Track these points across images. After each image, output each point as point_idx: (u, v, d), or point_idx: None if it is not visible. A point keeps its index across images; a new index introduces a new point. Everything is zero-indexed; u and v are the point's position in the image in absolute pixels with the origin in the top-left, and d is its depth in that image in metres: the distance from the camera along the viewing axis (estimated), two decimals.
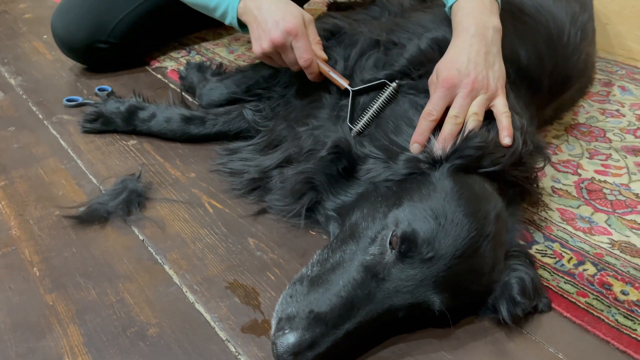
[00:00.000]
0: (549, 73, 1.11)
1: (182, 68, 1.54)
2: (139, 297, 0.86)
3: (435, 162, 0.83)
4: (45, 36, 1.87)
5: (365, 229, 0.79)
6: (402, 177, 0.84)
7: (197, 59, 1.71)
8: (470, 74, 0.91)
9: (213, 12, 1.19)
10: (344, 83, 1.05)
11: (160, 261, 0.93)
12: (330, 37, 1.17)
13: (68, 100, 1.44)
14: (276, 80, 1.24)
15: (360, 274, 0.73)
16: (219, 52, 1.77)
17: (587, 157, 1.24)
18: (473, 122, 0.89)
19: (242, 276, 0.90)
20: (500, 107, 0.91)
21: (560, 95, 1.23)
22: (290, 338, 0.67)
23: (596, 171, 1.18)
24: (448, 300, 0.74)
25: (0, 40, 1.87)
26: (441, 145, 0.86)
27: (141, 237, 0.98)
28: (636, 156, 1.24)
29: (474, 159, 0.81)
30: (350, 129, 0.99)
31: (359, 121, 1.00)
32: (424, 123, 0.91)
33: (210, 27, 1.90)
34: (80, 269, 0.91)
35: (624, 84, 1.60)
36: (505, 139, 0.88)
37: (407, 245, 0.72)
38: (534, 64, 1.07)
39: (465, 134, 0.84)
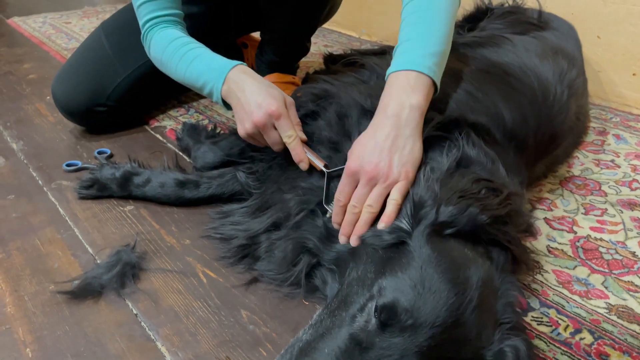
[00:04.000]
0: (533, 133, 1.12)
1: (179, 128, 1.57)
2: None
3: (412, 231, 0.83)
4: (48, 97, 1.91)
5: (355, 294, 0.80)
6: (387, 245, 0.85)
7: (196, 117, 1.74)
8: (372, 161, 0.91)
9: (200, 91, 1.23)
10: (319, 164, 1.05)
11: (153, 337, 0.93)
12: (318, 101, 1.19)
13: (68, 165, 1.46)
14: None
15: (345, 343, 0.74)
16: (216, 109, 1.80)
17: (582, 213, 1.23)
18: (366, 213, 0.90)
19: (234, 352, 0.90)
20: (392, 193, 0.90)
21: (550, 153, 1.24)
22: None
23: (592, 228, 1.18)
24: None
25: (4, 102, 1.92)
26: (344, 232, 0.93)
27: (134, 312, 0.98)
28: (632, 210, 1.24)
29: (444, 224, 0.81)
30: (326, 211, 1.00)
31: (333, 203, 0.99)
32: (337, 208, 0.95)
33: None
34: (72, 349, 0.90)
35: (619, 132, 1.61)
36: (380, 225, 0.88)
37: (386, 314, 0.73)
38: (518, 125, 1.08)
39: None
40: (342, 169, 1.00)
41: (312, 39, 1.80)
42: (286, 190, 1.11)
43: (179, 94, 1.87)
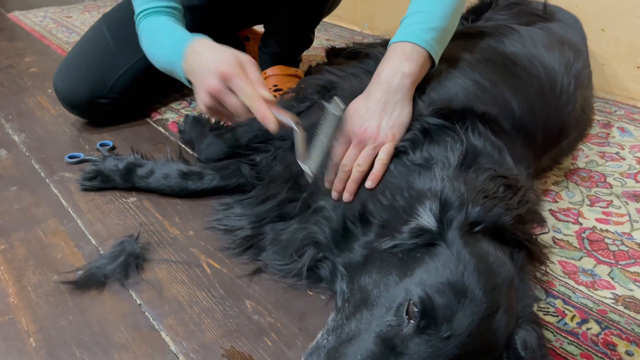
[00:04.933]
0: (542, 124, 1.11)
1: (181, 121, 1.56)
2: None
3: (442, 232, 0.79)
4: (49, 90, 1.91)
5: (378, 296, 0.76)
6: (409, 247, 0.81)
7: (198, 110, 1.73)
8: (362, 125, 0.99)
9: (173, 75, 1.18)
10: (289, 122, 0.95)
11: (157, 327, 0.92)
12: (324, 92, 1.18)
13: (70, 157, 1.45)
14: (273, 135, 1.24)
15: (377, 347, 0.70)
16: None
17: (587, 205, 1.23)
18: (356, 172, 0.98)
19: (238, 342, 0.89)
20: (380, 154, 0.98)
21: (558, 144, 1.23)
22: None
23: (597, 219, 1.17)
24: None
25: (5, 95, 1.91)
26: (335, 188, 1.00)
27: (138, 302, 0.98)
28: (637, 202, 1.23)
29: (473, 224, 0.79)
30: (303, 168, 0.96)
31: (309, 157, 0.96)
32: (331, 167, 1.02)
33: None
34: (76, 338, 0.90)
35: (623, 125, 1.60)
36: (367, 183, 0.97)
37: (427, 321, 0.70)
38: (527, 116, 1.07)
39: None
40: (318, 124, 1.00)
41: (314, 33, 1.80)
42: (292, 179, 1.11)
43: (181, 87, 1.85)
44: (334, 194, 1.01)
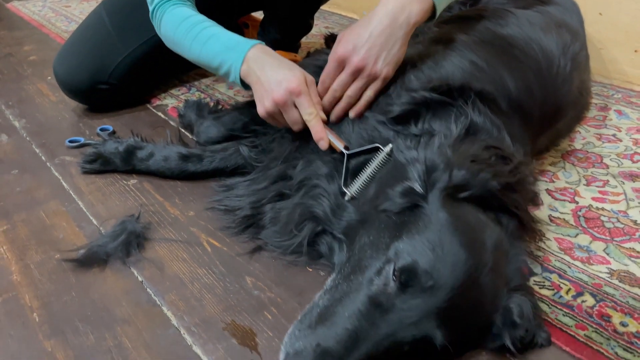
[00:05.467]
0: (539, 104, 1.12)
1: (181, 106, 1.57)
2: (136, 340, 0.86)
3: (426, 193, 0.82)
4: (49, 78, 1.92)
5: (370, 258, 0.80)
6: (399, 209, 0.84)
7: (197, 95, 1.74)
8: (361, 53, 0.99)
9: (215, 71, 1.21)
10: (340, 145, 1.03)
11: (158, 303, 0.94)
12: (320, 72, 1.19)
13: (70, 142, 1.46)
14: None
15: (365, 306, 0.73)
16: (218, 88, 1.80)
17: (584, 184, 1.24)
18: (344, 102, 1.03)
19: (239, 316, 0.90)
20: (368, 90, 1.02)
21: (554, 125, 1.24)
22: None
23: (594, 198, 1.18)
24: (450, 334, 0.73)
25: (5, 83, 1.92)
26: (324, 109, 1.05)
27: (140, 279, 0.99)
28: (634, 182, 1.24)
29: (457, 187, 0.81)
30: (344, 193, 0.97)
31: (353, 184, 0.97)
32: (320, 87, 1.07)
33: None
34: (79, 313, 0.91)
35: (621, 108, 1.61)
36: (351, 114, 1.05)
37: (406, 276, 0.73)
38: (523, 96, 1.08)
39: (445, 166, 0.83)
40: (363, 150, 1.00)
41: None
42: (290, 161, 1.12)
43: (180, 73, 1.87)
44: (321, 114, 1.06)
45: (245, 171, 1.26)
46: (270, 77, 1.09)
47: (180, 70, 1.85)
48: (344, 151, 1.02)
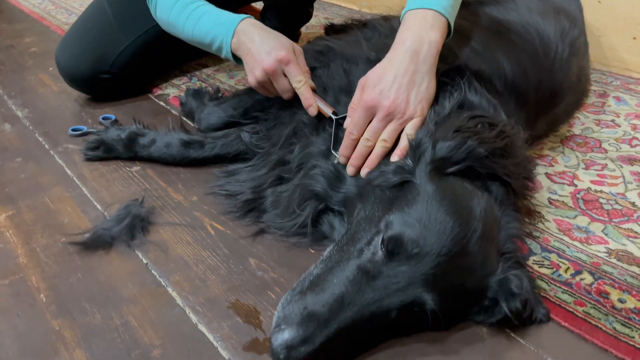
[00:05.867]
0: (534, 87, 1.13)
1: (182, 94, 1.58)
2: (142, 319, 0.87)
3: (414, 168, 0.85)
4: (51, 68, 1.92)
5: (363, 231, 0.83)
6: (392, 184, 0.87)
7: (199, 85, 1.75)
8: (390, 97, 0.92)
9: (209, 47, 1.25)
10: (328, 111, 1.07)
11: (163, 284, 0.95)
12: (321, 57, 1.20)
13: (73, 130, 1.47)
14: (272, 103, 1.27)
15: (352, 273, 0.77)
16: (219, 77, 1.81)
17: (583, 168, 1.25)
18: (380, 148, 0.94)
19: (243, 296, 0.92)
20: (407, 129, 0.93)
21: (551, 110, 1.25)
22: (284, 334, 0.71)
23: (592, 181, 1.20)
24: (440, 299, 0.75)
25: (7, 74, 1.93)
26: (354, 163, 0.95)
27: (145, 261, 1.00)
28: (632, 165, 1.26)
29: (443, 160, 0.83)
30: (335, 157, 1.01)
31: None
32: (348, 141, 0.97)
33: (210, 54, 1.94)
34: (86, 294, 0.93)
35: (619, 95, 1.62)
36: (393, 157, 0.92)
37: (392, 244, 0.76)
38: (519, 78, 1.09)
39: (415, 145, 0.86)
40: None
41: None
42: (290, 145, 1.13)
43: (181, 63, 1.88)
44: (351, 170, 0.96)
45: (246, 157, 1.27)
46: (260, 47, 1.13)
47: (182, 59, 1.86)
48: (332, 116, 1.06)
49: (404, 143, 0.91)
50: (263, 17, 1.77)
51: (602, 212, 1.10)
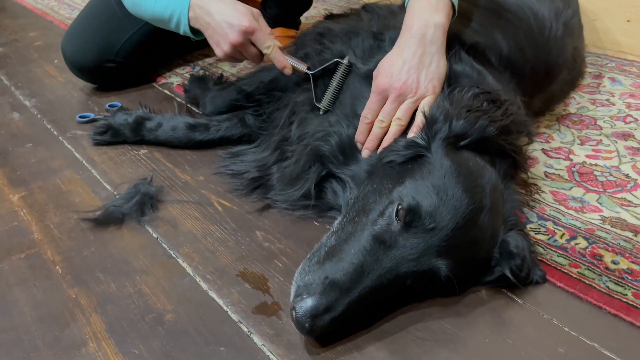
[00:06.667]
0: (530, 63, 1.17)
1: (186, 82, 1.61)
2: (155, 288, 0.91)
3: (429, 144, 0.88)
4: (56, 61, 1.96)
5: (374, 202, 0.85)
6: (405, 159, 0.89)
7: (201, 73, 1.78)
8: (401, 79, 0.96)
9: (168, 24, 1.27)
10: (303, 67, 1.14)
11: (174, 255, 0.99)
12: (321, 38, 1.24)
13: (81, 117, 1.51)
14: (274, 86, 1.30)
15: (369, 243, 0.79)
16: (221, 66, 1.85)
17: (578, 144, 1.28)
18: (395, 126, 0.97)
19: (251, 265, 0.96)
20: (421, 106, 0.95)
21: (547, 87, 1.28)
22: (308, 302, 0.73)
23: (587, 155, 1.23)
24: (452, 267, 0.79)
25: (13, 66, 1.96)
26: (369, 146, 0.99)
27: (155, 235, 1.04)
28: (626, 140, 1.29)
29: (458, 136, 0.87)
30: (319, 109, 1.10)
31: (324, 100, 1.10)
32: (362, 126, 1.00)
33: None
34: (100, 265, 0.96)
35: (614, 76, 1.66)
36: (410, 134, 0.94)
37: (411, 216, 0.78)
38: (514, 54, 1.13)
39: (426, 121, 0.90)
40: (325, 67, 1.10)
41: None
42: (288, 125, 1.17)
43: (185, 52, 1.91)
44: (366, 153, 1.00)
45: (250, 139, 1.31)
46: (220, 20, 1.15)
47: (185, 49, 1.89)
48: (308, 72, 1.12)
49: (419, 119, 0.93)
50: (264, 4, 1.80)
51: (597, 183, 1.13)
